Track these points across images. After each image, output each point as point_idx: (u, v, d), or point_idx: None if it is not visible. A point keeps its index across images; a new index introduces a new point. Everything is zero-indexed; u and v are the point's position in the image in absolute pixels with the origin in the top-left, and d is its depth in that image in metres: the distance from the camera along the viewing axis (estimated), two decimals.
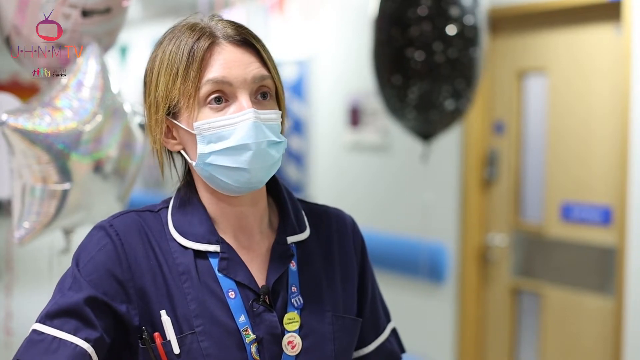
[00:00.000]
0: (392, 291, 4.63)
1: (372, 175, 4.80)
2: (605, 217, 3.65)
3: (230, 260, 1.24)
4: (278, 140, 1.23)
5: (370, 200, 4.80)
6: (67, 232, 1.98)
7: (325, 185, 5.18)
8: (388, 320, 1.45)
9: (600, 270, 3.71)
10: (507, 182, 4.12)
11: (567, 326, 3.85)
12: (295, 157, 5.40)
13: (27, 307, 1.95)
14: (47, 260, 2.02)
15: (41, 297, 1.25)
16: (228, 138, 1.19)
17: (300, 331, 1.25)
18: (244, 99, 1.20)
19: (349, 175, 4.97)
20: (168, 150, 1.29)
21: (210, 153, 1.20)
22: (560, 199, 3.86)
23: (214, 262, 1.24)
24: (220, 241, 1.25)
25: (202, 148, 1.21)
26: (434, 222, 4.24)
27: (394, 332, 1.46)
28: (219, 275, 1.23)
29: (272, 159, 1.22)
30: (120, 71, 6.13)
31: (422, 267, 4.12)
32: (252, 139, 1.19)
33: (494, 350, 4.24)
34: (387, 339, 1.43)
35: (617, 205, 3.57)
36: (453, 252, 4.29)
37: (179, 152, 1.28)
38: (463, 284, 4.27)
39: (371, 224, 4.71)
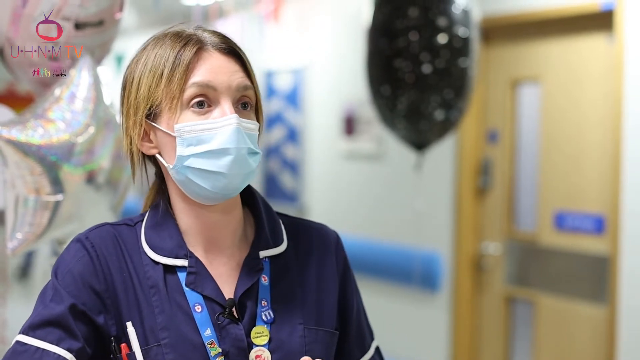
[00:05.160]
0: (386, 300, 4.65)
1: (367, 183, 4.81)
2: (598, 225, 3.67)
3: (197, 274, 1.24)
4: (256, 150, 1.24)
5: (364, 209, 4.81)
6: (60, 243, 1.99)
7: (320, 193, 5.19)
8: (372, 338, 1.44)
9: (593, 278, 3.73)
10: (500, 190, 4.14)
11: (561, 334, 3.86)
12: (290, 166, 5.41)
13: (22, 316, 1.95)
14: (41, 270, 2.02)
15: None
16: (209, 142, 1.20)
17: (269, 345, 1.25)
18: (226, 105, 1.21)
19: (343, 183, 4.99)
20: (141, 156, 1.29)
21: (190, 155, 1.20)
22: (554, 208, 3.87)
23: (182, 276, 1.24)
24: (188, 255, 1.25)
25: (181, 150, 1.21)
26: (428, 230, 4.26)
27: (377, 350, 1.45)
28: (186, 289, 1.23)
29: (249, 167, 1.23)
30: (117, 80, 6.14)
31: (416, 275, 4.14)
32: (234, 144, 1.20)
33: (489, 358, 4.24)
34: (372, 358, 1.42)
35: (610, 214, 3.58)
36: (447, 261, 4.30)
37: (152, 158, 1.29)
38: (457, 292, 4.28)
39: (365, 232, 4.72)
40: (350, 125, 4.86)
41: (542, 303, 3.95)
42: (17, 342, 1.19)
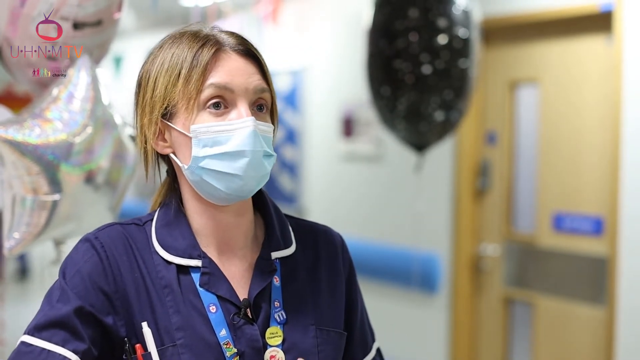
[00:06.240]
0: (385, 301, 4.65)
1: (366, 185, 4.81)
2: (597, 227, 3.66)
3: (211, 275, 1.24)
4: (272, 153, 1.24)
5: (363, 210, 4.81)
6: (58, 243, 1.98)
7: (318, 195, 5.19)
8: (374, 339, 1.45)
9: (592, 280, 3.72)
10: (499, 192, 4.14)
11: (560, 336, 3.85)
12: (288, 167, 5.41)
13: (20, 317, 1.95)
14: (39, 271, 2.02)
15: (34, 307, 1.26)
16: (225, 143, 1.19)
17: (283, 345, 1.25)
18: (243, 108, 1.21)
19: (342, 185, 4.98)
20: (155, 155, 1.28)
21: (205, 157, 1.20)
22: (552, 209, 3.87)
23: (196, 276, 1.24)
24: (202, 256, 1.25)
25: (196, 151, 1.21)
26: (426, 232, 4.25)
27: (379, 351, 1.46)
28: (200, 289, 1.23)
29: (264, 169, 1.23)
30: (115, 81, 6.14)
31: (415, 277, 4.13)
32: (250, 147, 1.19)
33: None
34: (374, 359, 1.43)
35: (608, 216, 3.58)
36: (446, 262, 4.30)
37: (165, 157, 1.28)
38: (456, 293, 4.28)
39: (364, 233, 4.71)
40: (349, 127, 4.86)
41: (541, 304, 3.95)
42: (22, 342, 1.18)
